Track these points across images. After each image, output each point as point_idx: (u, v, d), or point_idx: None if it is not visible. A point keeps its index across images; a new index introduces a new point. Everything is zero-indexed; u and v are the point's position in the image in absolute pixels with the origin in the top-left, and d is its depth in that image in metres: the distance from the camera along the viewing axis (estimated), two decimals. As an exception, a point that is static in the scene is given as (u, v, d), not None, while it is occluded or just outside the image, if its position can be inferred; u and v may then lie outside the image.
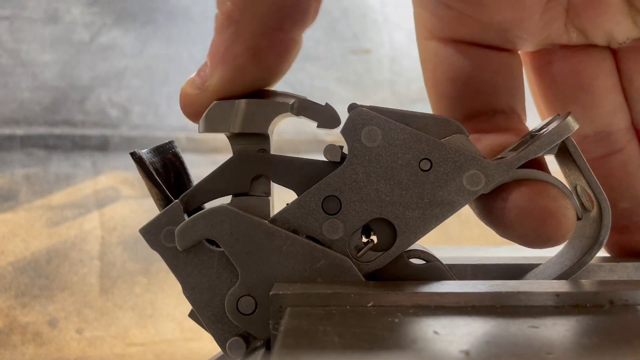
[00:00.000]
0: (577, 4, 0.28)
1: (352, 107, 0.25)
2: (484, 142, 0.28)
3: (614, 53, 0.30)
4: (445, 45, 0.30)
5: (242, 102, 0.25)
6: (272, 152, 0.27)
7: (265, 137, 0.26)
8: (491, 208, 0.26)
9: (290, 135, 0.64)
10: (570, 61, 0.30)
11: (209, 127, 0.26)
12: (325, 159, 0.26)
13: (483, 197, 0.26)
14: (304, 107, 0.25)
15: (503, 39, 0.29)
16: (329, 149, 0.25)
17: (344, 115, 0.25)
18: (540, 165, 0.27)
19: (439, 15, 0.29)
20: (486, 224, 0.26)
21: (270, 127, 0.26)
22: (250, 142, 0.26)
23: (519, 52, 0.31)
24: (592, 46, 0.30)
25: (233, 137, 0.26)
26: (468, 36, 0.29)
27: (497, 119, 0.29)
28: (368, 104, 0.26)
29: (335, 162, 0.26)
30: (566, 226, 0.24)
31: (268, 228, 0.25)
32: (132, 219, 0.58)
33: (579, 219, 0.26)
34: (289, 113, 0.25)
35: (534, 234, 0.24)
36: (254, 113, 0.25)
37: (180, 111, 0.27)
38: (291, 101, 0.25)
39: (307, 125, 0.35)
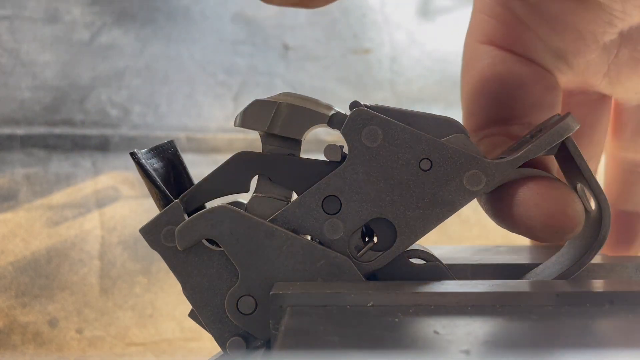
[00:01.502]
0: (623, 60, 0.29)
1: (354, 106, 0.25)
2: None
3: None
4: (499, 51, 0.30)
5: (285, 105, 0.25)
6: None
7: (297, 143, 0.26)
8: (500, 203, 0.26)
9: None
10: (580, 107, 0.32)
11: (246, 123, 0.26)
12: (325, 159, 0.26)
13: (491, 194, 0.26)
14: (343, 122, 0.25)
15: (555, 64, 0.30)
16: (329, 148, 0.25)
17: None
18: (544, 165, 0.27)
19: (503, 24, 0.30)
20: (495, 221, 0.27)
21: (304, 134, 0.26)
22: (283, 145, 0.26)
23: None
24: (605, 96, 0.32)
25: (266, 137, 0.26)
26: (525, 50, 0.30)
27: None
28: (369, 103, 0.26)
29: (336, 161, 0.26)
30: (575, 219, 0.24)
31: (268, 228, 0.25)
32: (132, 218, 0.58)
33: (587, 211, 0.26)
34: (326, 124, 0.25)
35: (544, 227, 0.24)
36: (294, 118, 0.25)
37: (180, 111, 0.27)
38: (330, 113, 0.25)
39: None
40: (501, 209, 0.26)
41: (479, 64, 0.30)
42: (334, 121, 0.25)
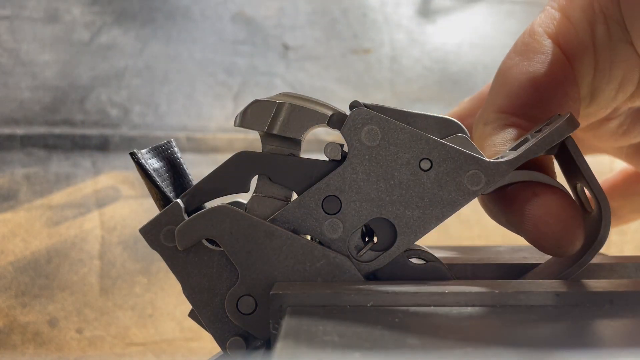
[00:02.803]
0: None
1: (354, 105, 0.25)
2: None
3: None
4: (561, 54, 0.31)
5: (284, 105, 0.25)
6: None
7: (297, 142, 0.26)
8: (506, 210, 0.26)
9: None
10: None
11: (246, 123, 0.26)
12: (325, 159, 0.26)
13: (494, 196, 0.26)
14: (342, 121, 0.25)
15: (590, 97, 0.31)
16: (329, 146, 0.25)
17: None
18: (544, 165, 0.27)
19: (578, 37, 0.30)
20: (498, 222, 0.27)
21: (304, 134, 0.26)
22: (283, 145, 0.26)
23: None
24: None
25: (266, 137, 0.26)
26: (580, 69, 0.31)
27: None
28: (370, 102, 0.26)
29: (336, 161, 0.26)
30: (580, 241, 0.25)
31: (268, 228, 0.25)
32: (132, 218, 0.58)
33: (587, 211, 0.26)
34: (325, 124, 0.25)
35: (551, 246, 0.25)
36: (294, 118, 0.25)
37: (180, 111, 0.27)
38: (330, 113, 0.25)
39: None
40: (509, 216, 0.26)
41: (538, 55, 0.30)
42: (334, 121, 0.25)
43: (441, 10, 0.68)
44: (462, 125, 0.26)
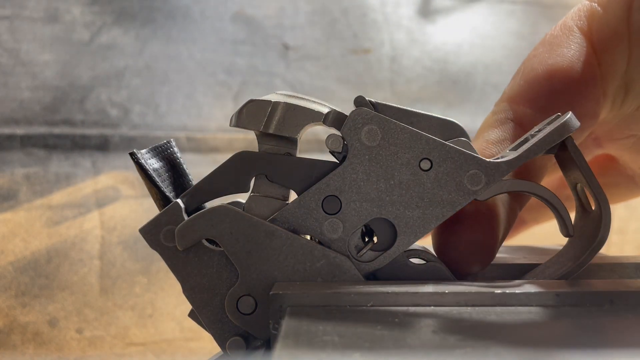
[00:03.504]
0: None
1: (359, 101, 0.25)
2: None
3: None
4: (590, 50, 0.30)
5: (280, 104, 0.25)
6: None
7: (293, 141, 0.26)
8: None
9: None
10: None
11: (242, 123, 0.26)
12: (324, 159, 0.26)
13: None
14: (338, 119, 0.25)
15: (616, 96, 0.31)
16: (331, 138, 0.25)
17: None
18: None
19: (609, 34, 0.30)
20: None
21: (300, 133, 0.26)
22: (279, 144, 0.26)
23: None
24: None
25: (262, 137, 0.26)
26: (608, 68, 0.30)
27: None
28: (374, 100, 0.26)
29: (335, 161, 0.26)
30: (478, 268, 0.27)
31: (268, 228, 0.25)
32: (132, 218, 0.58)
33: (570, 236, 0.26)
34: (321, 122, 0.25)
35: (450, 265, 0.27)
36: (289, 117, 0.25)
37: (180, 111, 0.27)
38: (326, 111, 0.25)
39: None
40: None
41: (561, 49, 0.30)
42: (330, 119, 0.25)
43: (441, 10, 0.68)
44: (464, 129, 0.26)
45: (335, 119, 0.25)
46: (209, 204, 0.27)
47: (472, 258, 0.26)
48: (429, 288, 0.24)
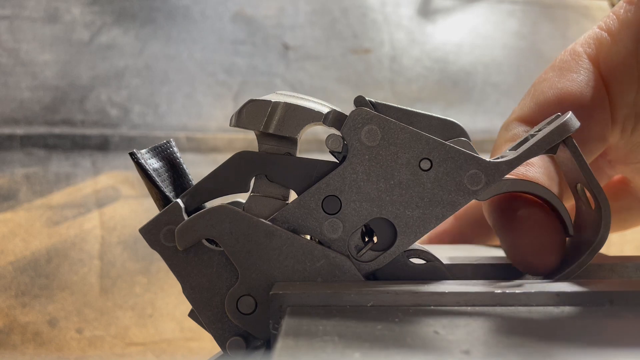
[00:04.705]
0: None
1: (359, 101, 0.25)
2: None
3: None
4: (597, 76, 0.31)
5: (280, 104, 0.25)
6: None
7: (293, 141, 0.26)
8: (497, 230, 0.27)
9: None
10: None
11: (241, 123, 0.26)
12: (324, 159, 0.26)
13: (497, 210, 0.27)
14: (338, 119, 0.25)
15: (625, 123, 0.31)
16: (331, 138, 0.25)
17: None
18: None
19: (620, 62, 0.31)
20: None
21: (300, 133, 0.26)
22: (279, 144, 0.26)
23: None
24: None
25: (262, 137, 0.26)
26: (617, 95, 0.31)
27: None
28: (374, 100, 0.26)
29: (336, 161, 0.26)
30: (554, 263, 0.26)
31: (268, 228, 0.25)
32: (132, 218, 0.58)
33: (569, 236, 0.27)
34: (321, 122, 0.25)
35: (525, 270, 0.26)
36: (289, 117, 0.25)
37: (180, 111, 0.27)
38: (325, 111, 0.25)
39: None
40: (499, 234, 0.27)
41: (571, 74, 0.31)
42: (330, 118, 0.25)
43: (441, 10, 0.68)
44: (464, 129, 0.26)
45: (335, 119, 0.25)
46: (209, 204, 0.27)
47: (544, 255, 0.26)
48: (429, 288, 0.24)
